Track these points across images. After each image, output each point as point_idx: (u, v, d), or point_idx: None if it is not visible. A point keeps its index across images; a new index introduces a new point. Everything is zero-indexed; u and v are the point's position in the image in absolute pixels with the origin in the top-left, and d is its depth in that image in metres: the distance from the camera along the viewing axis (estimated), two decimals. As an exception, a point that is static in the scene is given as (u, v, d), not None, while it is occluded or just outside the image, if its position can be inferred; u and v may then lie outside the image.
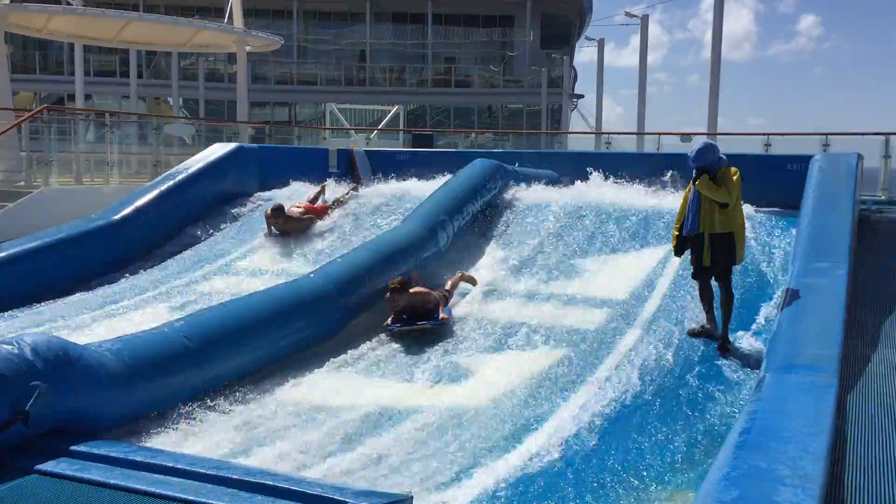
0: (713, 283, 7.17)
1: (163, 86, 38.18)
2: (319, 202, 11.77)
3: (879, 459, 4.16)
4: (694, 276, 7.26)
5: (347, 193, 12.04)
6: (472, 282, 8.77)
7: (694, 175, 6.93)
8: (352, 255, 8.55)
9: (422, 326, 7.54)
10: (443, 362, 6.89)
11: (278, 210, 10.77)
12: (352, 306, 7.82)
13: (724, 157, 6.98)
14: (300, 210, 11.09)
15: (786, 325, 5.89)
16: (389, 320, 7.63)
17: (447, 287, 8.36)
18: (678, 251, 7.25)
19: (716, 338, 6.96)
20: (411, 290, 7.75)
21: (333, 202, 11.72)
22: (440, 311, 7.72)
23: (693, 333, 7.13)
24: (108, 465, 4.28)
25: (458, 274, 8.72)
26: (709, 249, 6.94)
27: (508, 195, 11.36)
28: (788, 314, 6.08)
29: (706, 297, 7.23)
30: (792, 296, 6.49)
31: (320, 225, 11.11)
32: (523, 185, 11.78)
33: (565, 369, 6.61)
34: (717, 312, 7.10)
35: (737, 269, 8.48)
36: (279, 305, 7.02)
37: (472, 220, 10.46)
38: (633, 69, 39.86)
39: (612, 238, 9.84)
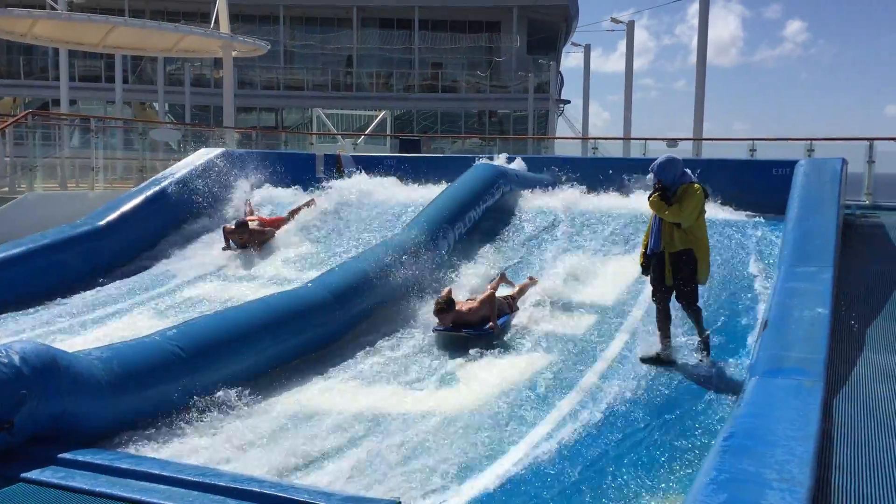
0: (676, 306, 6.84)
1: (148, 91, 37.99)
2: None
3: (865, 462, 4.18)
4: (653, 296, 6.93)
5: (306, 205, 11.91)
6: (524, 287, 8.56)
7: (652, 190, 6.76)
8: (350, 263, 8.50)
9: (466, 335, 7.41)
10: (433, 369, 6.89)
11: (243, 225, 10.90)
12: (350, 315, 7.77)
13: (689, 174, 6.74)
14: (256, 224, 11.17)
15: (772, 328, 5.92)
16: (437, 322, 7.62)
17: (491, 286, 8.19)
18: (645, 270, 6.97)
19: (670, 362, 6.71)
20: (459, 308, 7.58)
21: (290, 213, 11.70)
22: (493, 320, 7.53)
23: (647, 360, 6.78)
24: (95, 472, 4.26)
25: (518, 285, 8.54)
26: (670, 267, 6.69)
27: (508, 200, 11.36)
28: (774, 318, 6.11)
29: (665, 323, 6.89)
30: (778, 299, 6.53)
31: (278, 235, 11.16)
32: (524, 190, 11.78)
33: (554, 375, 6.62)
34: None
35: (721, 274, 8.55)
36: (274, 314, 6.98)
37: (473, 226, 10.42)
38: (620, 75, 40.27)
39: (604, 242, 9.88)
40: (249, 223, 11.02)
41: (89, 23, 21.55)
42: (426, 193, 11.86)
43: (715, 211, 10.66)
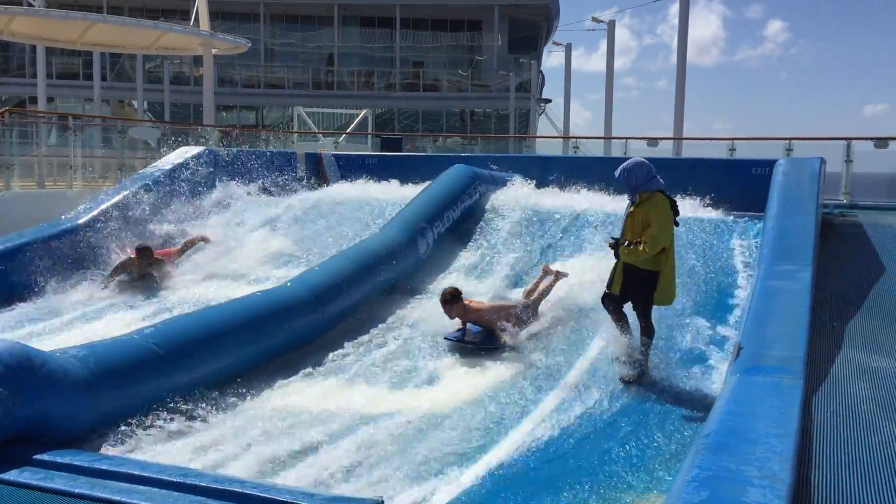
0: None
1: (127, 88, 37.72)
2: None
3: (844, 459, 4.22)
4: (602, 301, 6.58)
5: (194, 242, 10.86)
6: (555, 277, 8.10)
7: (629, 202, 6.41)
8: (329, 262, 8.48)
9: (469, 347, 7.20)
10: (412, 368, 6.88)
11: (146, 250, 9.82)
12: (330, 314, 7.73)
13: (657, 180, 6.31)
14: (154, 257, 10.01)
15: (751, 326, 5.95)
16: (454, 329, 7.43)
17: (531, 289, 7.95)
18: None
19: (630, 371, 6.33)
20: (468, 304, 7.41)
21: (184, 245, 10.72)
22: (510, 329, 7.27)
23: (626, 380, 6.32)
24: (73, 473, 4.21)
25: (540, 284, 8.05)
26: (620, 279, 6.31)
27: (485, 200, 11.39)
28: (754, 316, 6.15)
29: (623, 327, 6.46)
30: (757, 298, 6.57)
31: (170, 269, 10.05)
32: (499, 189, 11.83)
33: (536, 373, 6.63)
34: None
35: (700, 273, 8.60)
36: (253, 313, 6.92)
37: (452, 227, 10.43)
38: (601, 74, 40.35)
39: (583, 241, 9.91)
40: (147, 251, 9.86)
41: (67, 20, 21.39)
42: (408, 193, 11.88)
43: (695, 210, 10.73)
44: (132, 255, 9.81)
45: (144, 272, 9.76)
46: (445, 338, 7.38)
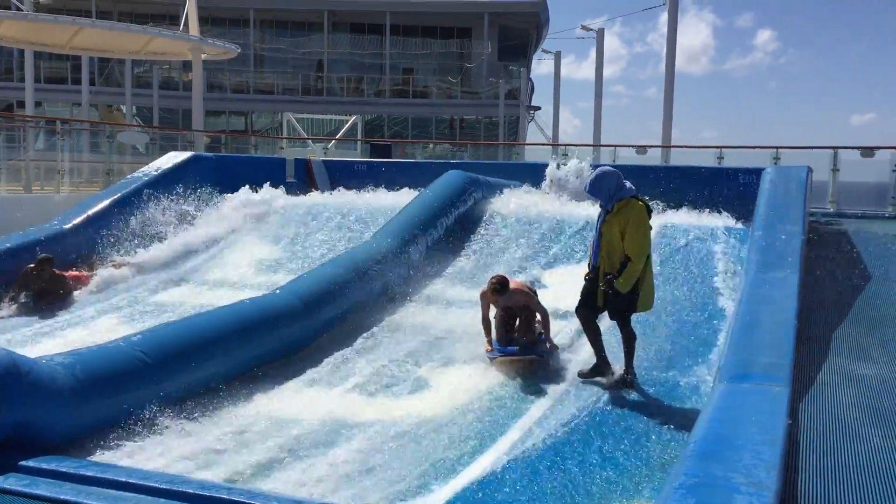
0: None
1: (116, 93, 37.55)
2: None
3: (831, 466, 4.24)
4: (577, 310, 6.54)
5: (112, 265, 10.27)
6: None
7: (603, 210, 6.35)
8: (320, 269, 8.46)
9: (529, 358, 6.78)
10: (399, 374, 6.86)
11: (46, 261, 9.16)
12: (320, 322, 7.71)
13: (627, 187, 6.28)
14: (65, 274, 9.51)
15: (739, 334, 5.98)
16: (489, 345, 7.01)
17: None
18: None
19: (608, 376, 6.37)
20: (512, 288, 6.96)
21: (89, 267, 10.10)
22: (547, 335, 6.96)
23: (583, 375, 6.48)
24: (59, 480, 4.18)
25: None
26: (603, 296, 6.30)
27: (481, 207, 11.41)
28: (741, 323, 6.18)
29: (595, 338, 6.48)
30: (745, 305, 6.60)
31: (82, 291, 9.55)
32: (493, 196, 11.85)
33: (524, 380, 6.62)
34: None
35: (687, 281, 8.63)
36: (242, 321, 6.88)
37: (446, 233, 10.42)
38: (592, 81, 40.38)
39: (574, 249, 9.94)
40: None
41: (56, 24, 21.29)
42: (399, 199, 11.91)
43: (682, 218, 10.80)
44: (32, 266, 9.19)
45: (43, 289, 9.09)
46: (490, 357, 6.91)
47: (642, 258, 6.17)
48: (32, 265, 9.19)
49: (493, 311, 7.23)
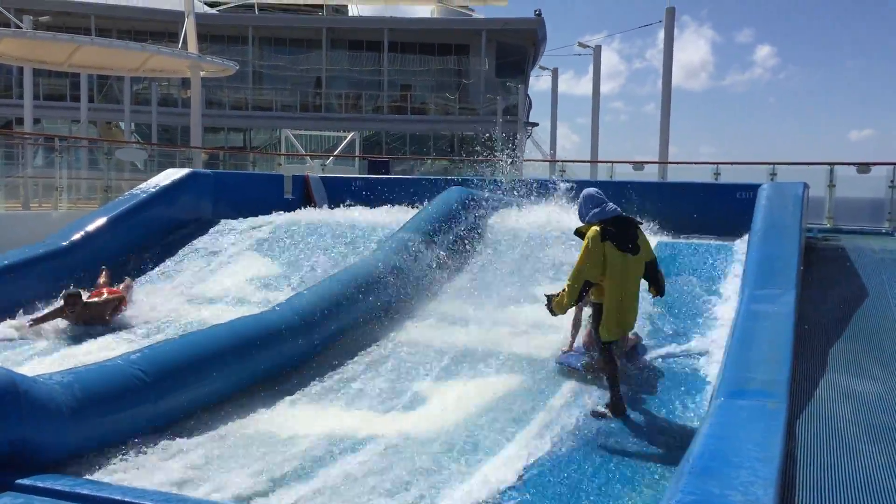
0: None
1: (114, 110, 37.65)
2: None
3: (829, 483, 4.24)
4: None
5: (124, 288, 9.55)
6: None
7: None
8: (319, 286, 8.44)
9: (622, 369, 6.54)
10: (399, 390, 6.86)
11: (75, 296, 8.61)
12: (318, 338, 7.70)
13: (601, 210, 6.18)
14: (97, 300, 8.84)
15: (736, 350, 5.99)
16: (570, 346, 7.07)
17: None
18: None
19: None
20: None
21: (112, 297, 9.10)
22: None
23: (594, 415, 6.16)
24: (55, 498, 4.17)
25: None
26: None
27: (483, 223, 11.42)
28: (738, 340, 6.19)
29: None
30: (742, 322, 6.61)
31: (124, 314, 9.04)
32: (494, 212, 11.87)
33: (522, 396, 6.62)
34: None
35: (683, 298, 8.64)
36: (240, 338, 6.87)
37: (446, 250, 10.43)
38: (590, 97, 40.47)
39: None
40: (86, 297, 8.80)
41: (55, 41, 21.39)
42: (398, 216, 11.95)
43: (677, 234, 10.84)
44: (62, 307, 8.64)
45: (81, 318, 8.60)
46: (572, 366, 6.85)
47: (574, 283, 6.10)
48: (62, 305, 8.63)
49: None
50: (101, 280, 9.65)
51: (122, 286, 9.59)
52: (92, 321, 8.65)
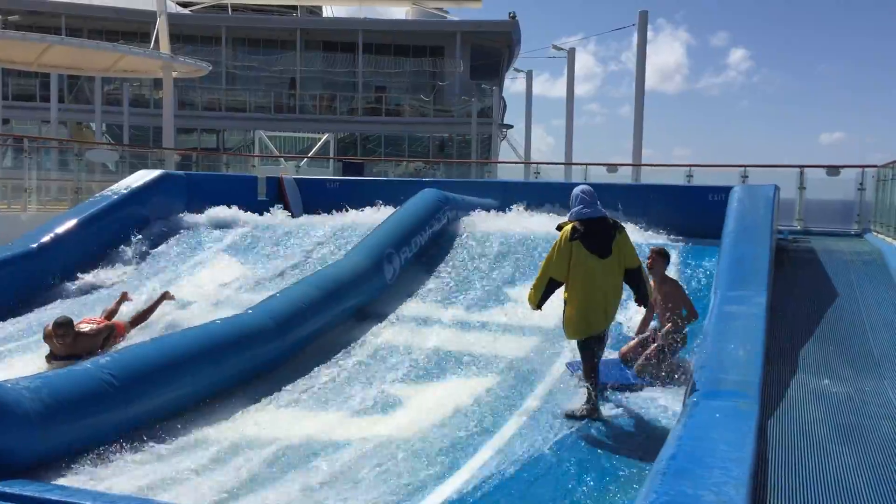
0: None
1: (85, 111, 37.25)
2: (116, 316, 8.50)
3: (798, 483, 4.28)
4: None
5: (157, 302, 8.85)
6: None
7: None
8: (292, 289, 8.39)
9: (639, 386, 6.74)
10: (373, 392, 6.83)
11: (66, 325, 7.38)
12: (292, 341, 7.65)
13: (579, 210, 6.18)
14: (92, 327, 7.78)
15: (709, 351, 6.04)
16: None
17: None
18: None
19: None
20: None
21: (134, 318, 8.51)
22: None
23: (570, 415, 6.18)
24: (23, 505, 4.11)
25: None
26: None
27: (455, 225, 11.44)
28: (711, 341, 6.23)
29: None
30: (714, 323, 6.66)
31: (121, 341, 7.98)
32: (467, 214, 11.90)
33: (496, 398, 6.62)
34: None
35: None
36: (213, 341, 6.81)
37: (420, 252, 10.41)
38: (565, 100, 40.63)
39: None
40: (78, 325, 7.60)
41: (24, 41, 21.11)
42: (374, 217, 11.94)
43: (650, 236, 10.91)
44: (49, 331, 7.45)
45: (71, 351, 7.30)
46: (604, 382, 6.58)
47: (540, 278, 6.22)
48: (49, 332, 7.43)
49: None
50: (111, 307, 8.64)
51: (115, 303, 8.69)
52: (81, 353, 7.24)
